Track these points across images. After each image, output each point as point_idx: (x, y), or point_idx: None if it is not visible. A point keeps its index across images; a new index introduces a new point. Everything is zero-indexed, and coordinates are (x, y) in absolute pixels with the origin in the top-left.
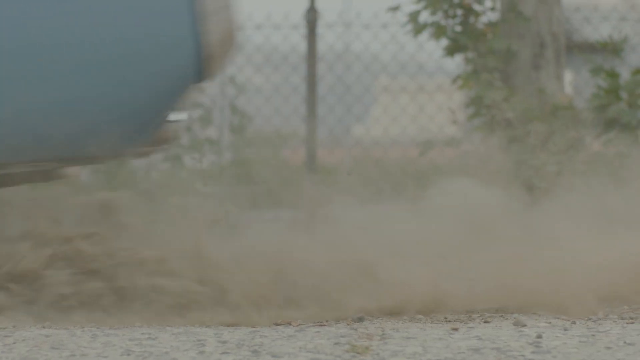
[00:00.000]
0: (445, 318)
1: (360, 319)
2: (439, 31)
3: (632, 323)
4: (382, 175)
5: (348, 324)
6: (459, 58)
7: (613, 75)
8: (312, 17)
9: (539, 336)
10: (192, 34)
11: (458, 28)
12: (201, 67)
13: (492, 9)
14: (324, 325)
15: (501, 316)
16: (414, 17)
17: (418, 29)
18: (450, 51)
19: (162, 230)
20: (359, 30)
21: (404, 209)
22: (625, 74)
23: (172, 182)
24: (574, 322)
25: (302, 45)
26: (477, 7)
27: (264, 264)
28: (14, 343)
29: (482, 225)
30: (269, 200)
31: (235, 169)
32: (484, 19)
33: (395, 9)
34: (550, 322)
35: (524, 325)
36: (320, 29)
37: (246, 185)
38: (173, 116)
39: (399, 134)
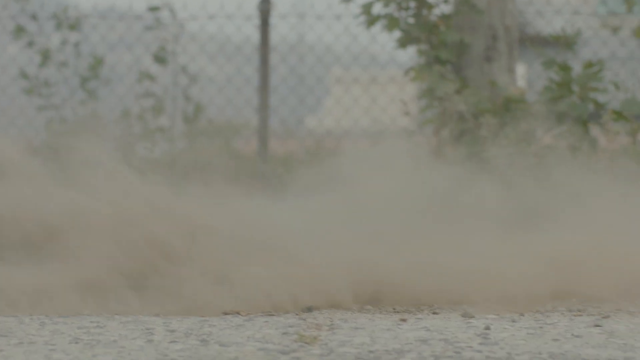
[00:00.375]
0: (394, 309)
1: (309, 309)
2: (391, 23)
3: (580, 315)
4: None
5: (297, 314)
6: (411, 50)
7: (565, 68)
8: (265, 7)
9: (487, 328)
10: None
11: (411, 20)
12: None
13: (446, 1)
14: (273, 315)
15: (450, 308)
16: (367, 8)
17: (371, 20)
18: (403, 43)
19: None
20: (312, 21)
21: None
22: (577, 68)
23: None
24: (522, 314)
25: (256, 36)
26: None
27: None
28: None
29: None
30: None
31: (188, 158)
32: (437, 11)
33: (348, 0)
34: (498, 314)
35: (472, 317)
36: (274, 20)
37: (198, 174)
38: None
39: (351, 125)
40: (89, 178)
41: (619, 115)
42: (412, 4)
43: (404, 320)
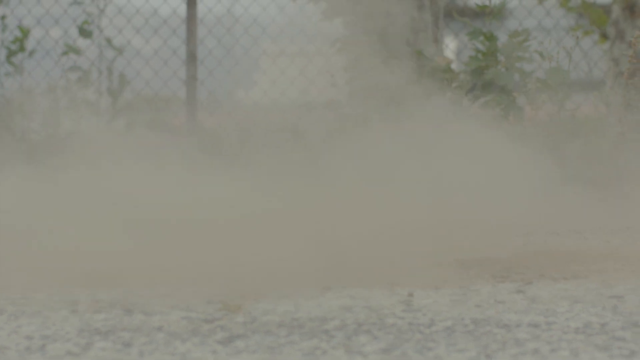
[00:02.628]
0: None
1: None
2: None
3: (503, 282)
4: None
5: (222, 283)
6: (338, 21)
7: (491, 38)
8: None
9: (411, 295)
10: None
11: None
12: None
13: None
14: (198, 285)
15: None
16: None
17: None
18: (329, 15)
19: None
20: None
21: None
22: (504, 39)
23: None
24: (445, 281)
25: (182, 8)
26: None
27: None
28: None
29: None
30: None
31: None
32: None
33: None
34: (422, 281)
35: (397, 284)
36: None
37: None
38: None
39: (279, 98)
40: None
41: (544, 83)
42: None
43: (328, 288)
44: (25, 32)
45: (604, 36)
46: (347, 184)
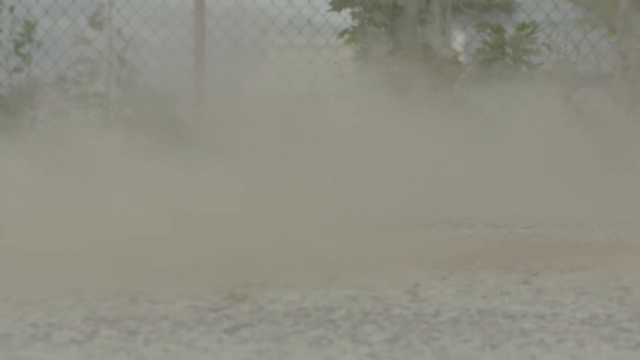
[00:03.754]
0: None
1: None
2: None
3: (509, 273)
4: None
5: (227, 272)
6: (345, 13)
7: (498, 30)
8: None
9: (417, 285)
10: None
11: None
12: None
13: None
14: (204, 274)
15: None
16: None
17: None
18: (337, 6)
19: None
20: None
21: None
22: (511, 31)
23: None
24: (452, 272)
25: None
26: None
27: None
28: None
29: None
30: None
31: (123, 123)
32: None
33: None
34: (428, 272)
35: (402, 275)
36: None
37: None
38: None
39: (287, 89)
40: None
41: (551, 76)
42: None
43: (334, 277)
44: (31, 26)
45: (612, 29)
46: (346, 175)
